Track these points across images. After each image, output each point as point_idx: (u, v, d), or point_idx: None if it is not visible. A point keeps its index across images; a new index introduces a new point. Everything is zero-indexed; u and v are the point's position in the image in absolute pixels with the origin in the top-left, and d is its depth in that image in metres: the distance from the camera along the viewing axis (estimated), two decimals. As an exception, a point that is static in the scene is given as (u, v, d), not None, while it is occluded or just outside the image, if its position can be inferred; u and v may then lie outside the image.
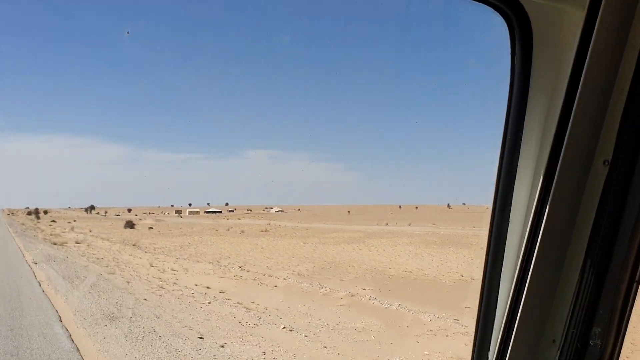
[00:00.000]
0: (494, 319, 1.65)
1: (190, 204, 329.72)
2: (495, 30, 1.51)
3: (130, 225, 71.43)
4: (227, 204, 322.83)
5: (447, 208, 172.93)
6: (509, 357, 1.57)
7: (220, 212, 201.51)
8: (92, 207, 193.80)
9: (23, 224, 79.64)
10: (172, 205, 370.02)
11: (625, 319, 1.38)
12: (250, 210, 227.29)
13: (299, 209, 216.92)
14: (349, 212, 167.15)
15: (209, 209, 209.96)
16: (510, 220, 1.60)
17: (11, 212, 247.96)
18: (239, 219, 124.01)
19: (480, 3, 1.52)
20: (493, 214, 1.66)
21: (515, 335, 1.56)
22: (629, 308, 1.38)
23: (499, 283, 1.65)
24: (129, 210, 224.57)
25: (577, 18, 1.36)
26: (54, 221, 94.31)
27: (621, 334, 1.38)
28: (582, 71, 1.35)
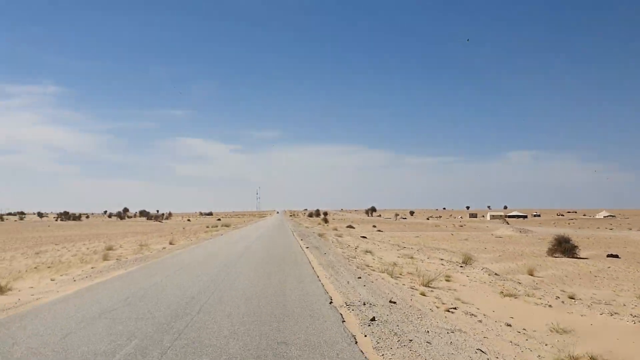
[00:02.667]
0: None
1: (489, 207, 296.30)
2: None
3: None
4: (505, 207, 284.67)
5: None
6: None
7: (526, 216, 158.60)
8: (373, 209, 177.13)
9: (309, 228, 54.98)
10: (444, 208, 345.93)
11: None
12: (538, 215, 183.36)
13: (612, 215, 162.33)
14: None
15: (502, 213, 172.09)
16: None
17: (293, 214, 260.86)
18: (598, 228, 79.83)
19: None
20: None
21: None
22: None
23: None
24: (412, 213, 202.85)
25: None
26: (350, 226, 67.49)
27: None
28: None
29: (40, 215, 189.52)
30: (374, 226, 77.50)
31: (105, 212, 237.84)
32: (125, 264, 17.18)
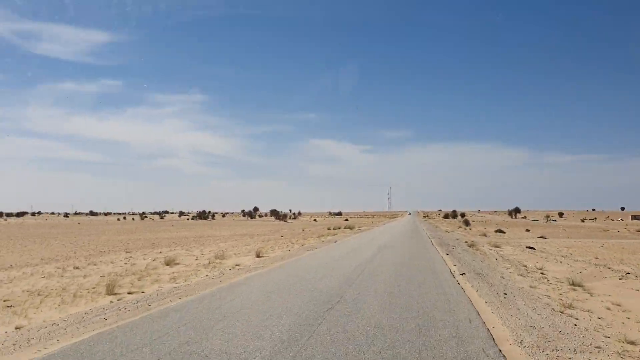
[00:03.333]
0: None
1: None
2: None
3: None
4: None
5: None
6: None
7: None
8: (516, 210, 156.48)
9: (449, 233, 44.00)
10: (594, 209, 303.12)
11: None
12: None
13: None
14: None
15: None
16: None
17: (426, 215, 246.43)
18: None
19: None
20: None
21: None
22: None
23: None
24: (560, 215, 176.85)
25: None
26: (500, 230, 54.39)
27: None
28: None
29: (180, 214, 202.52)
30: (527, 230, 62.89)
31: (243, 210, 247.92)
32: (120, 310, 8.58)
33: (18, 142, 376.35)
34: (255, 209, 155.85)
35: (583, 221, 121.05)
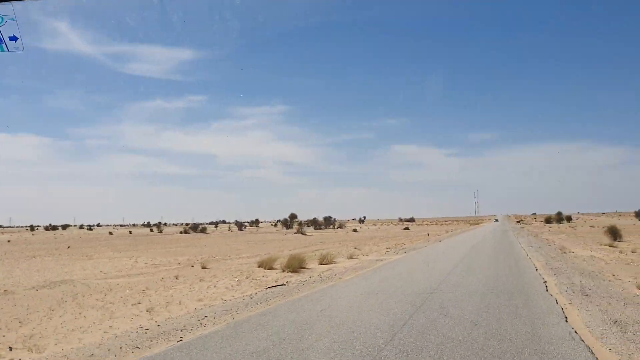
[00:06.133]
0: None
1: None
2: None
3: None
4: None
5: None
6: None
7: None
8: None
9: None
10: None
11: None
12: None
13: None
14: None
15: None
16: None
17: (520, 220, 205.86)
18: None
19: None
20: None
21: None
22: None
23: None
24: None
25: None
26: None
27: None
28: None
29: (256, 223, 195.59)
30: None
31: (315, 219, 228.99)
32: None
33: (115, 159, 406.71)
34: (293, 216, 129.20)
35: None
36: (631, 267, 19.60)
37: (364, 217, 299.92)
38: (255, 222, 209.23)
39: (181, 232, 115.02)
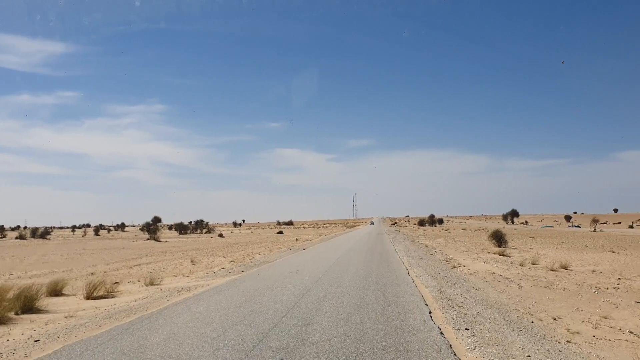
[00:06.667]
0: None
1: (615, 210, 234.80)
2: None
3: None
4: (615, 211, 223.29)
5: None
6: None
7: None
8: (514, 214, 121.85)
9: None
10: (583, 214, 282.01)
11: None
12: None
13: None
14: None
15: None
16: None
17: (395, 222, 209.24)
18: None
19: None
20: None
21: None
22: None
23: None
24: (568, 218, 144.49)
25: None
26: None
27: None
28: None
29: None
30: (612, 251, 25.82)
31: (181, 223, 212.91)
32: None
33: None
34: (157, 220, 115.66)
35: (631, 227, 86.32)
36: (556, 294, 13.05)
37: (243, 221, 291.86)
38: (121, 226, 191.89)
39: (17, 238, 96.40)
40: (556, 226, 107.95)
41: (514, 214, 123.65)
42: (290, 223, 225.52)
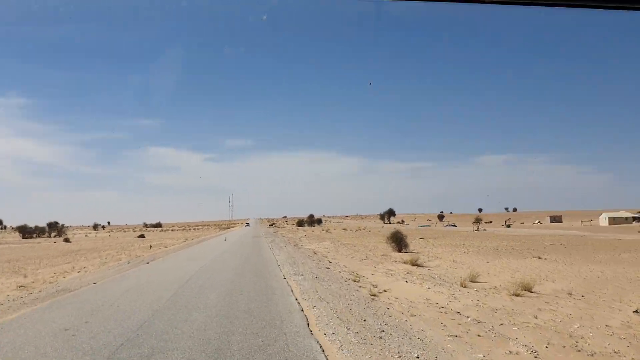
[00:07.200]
0: None
1: (479, 209, 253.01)
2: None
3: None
4: (480, 210, 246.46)
5: None
6: None
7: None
8: (390, 213, 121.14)
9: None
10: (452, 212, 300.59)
11: None
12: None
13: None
14: None
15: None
16: None
17: (273, 223, 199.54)
18: None
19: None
20: None
21: None
22: None
23: None
24: (441, 218, 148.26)
25: None
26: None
27: None
28: None
29: None
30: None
31: (24, 225, 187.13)
32: None
33: None
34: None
35: (509, 226, 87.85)
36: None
37: (108, 223, 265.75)
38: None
39: None
40: (433, 225, 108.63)
41: (391, 213, 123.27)
42: (158, 225, 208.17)
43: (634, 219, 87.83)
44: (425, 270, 19.13)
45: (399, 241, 29.49)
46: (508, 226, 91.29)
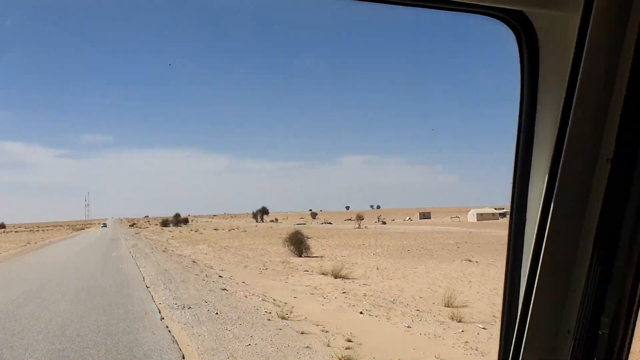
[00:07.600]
0: (517, 314, 1.72)
1: (375, 206, 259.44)
2: (503, 40, 1.68)
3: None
4: (347, 208, 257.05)
5: None
6: (529, 348, 1.63)
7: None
8: (264, 211, 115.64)
9: None
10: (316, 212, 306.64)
11: (634, 309, 1.45)
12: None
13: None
14: None
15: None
16: (526, 219, 1.66)
17: (134, 223, 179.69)
18: None
19: (487, 16, 1.67)
20: (511, 213, 1.71)
21: (535, 328, 1.61)
22: (637, 299, 1.43)
23: (520, 280, 1.70)
24: (314, 215, 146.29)
25: (574, 22, 1.46)
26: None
27: (630, 323, 1.45)
28: (579, 72, 1.47)
29: None
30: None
31: None
32: None
33: None
34: None
35: (384, 223, 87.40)
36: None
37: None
38: None
39: None
40: (308, 223, 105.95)
41: (264, 211, 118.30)
42: (2, 226, 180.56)
43: (501, 214, 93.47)
44: (358, 285, 14.09)
45: (298, 244, 24.25)
46: (383, 223, 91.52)
